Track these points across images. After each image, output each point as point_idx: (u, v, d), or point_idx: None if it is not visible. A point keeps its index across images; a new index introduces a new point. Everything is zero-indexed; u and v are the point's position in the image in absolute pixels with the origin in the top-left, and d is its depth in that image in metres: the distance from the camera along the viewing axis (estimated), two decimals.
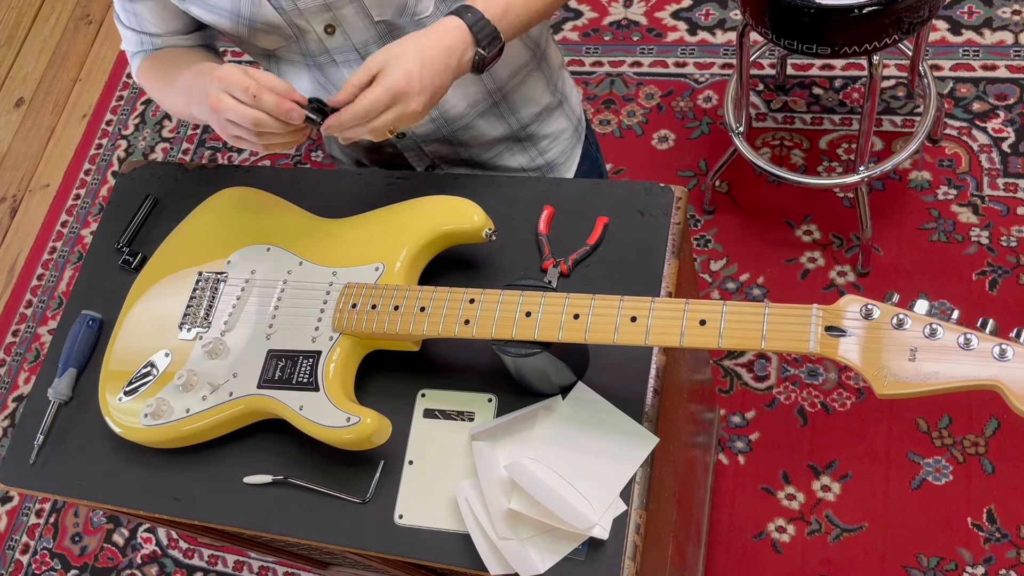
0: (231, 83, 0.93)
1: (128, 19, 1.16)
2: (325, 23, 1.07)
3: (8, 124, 2.94)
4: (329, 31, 1.08)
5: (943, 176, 1.99)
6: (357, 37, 1.09)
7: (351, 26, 1.07)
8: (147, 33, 1.16)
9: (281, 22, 1.06)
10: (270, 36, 1.09)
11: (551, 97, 1.29)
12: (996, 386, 0.71)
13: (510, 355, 0.90)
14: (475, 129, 1.24)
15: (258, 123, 0.93)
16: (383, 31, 1.09)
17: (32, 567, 2.19)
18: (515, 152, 1.30)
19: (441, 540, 0.95)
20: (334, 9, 1.05)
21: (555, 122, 1.31)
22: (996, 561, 1.66)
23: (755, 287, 2.00)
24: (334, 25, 1.07)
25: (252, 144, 0.97)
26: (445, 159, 1.28)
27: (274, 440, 1.04)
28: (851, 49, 1.48)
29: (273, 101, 0.92)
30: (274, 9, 1.05)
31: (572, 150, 1.37)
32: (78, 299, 1.22)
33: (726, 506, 1.82)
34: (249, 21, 1.06)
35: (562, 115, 1.32)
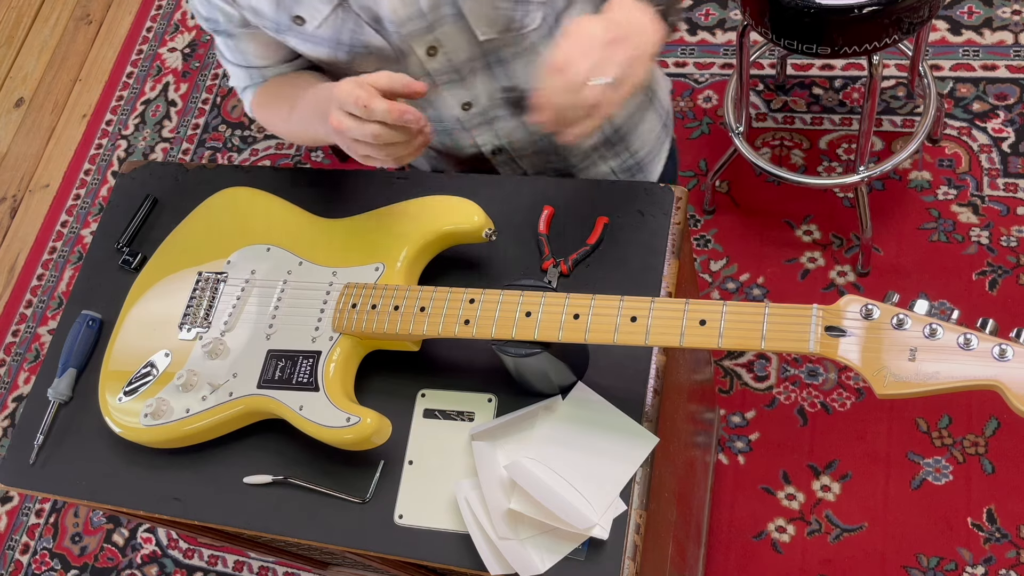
0: (344, 100, 0.89)
1: (233, 56, 1.14)
2: (428, 45, 1.04)
3: (8, 124, 2.94)
4: (431, 52, 1.05)
5: (943, 176, 1.99)
6: (459, 57, 1.06)
7: (454, 46, 1.05)
8: (254, 67, 1.15)
9: (384, 45, 1.04)
10: (368, 60, 1.06)
11: (641, 95, 1.25)
12: (996, 386, 0.71)
13: (510, 355, 0.90)
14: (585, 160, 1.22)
15: (376, 136, 0.89)
16: (487, 49, 1.06)
17: (32, 567, 2.19)
18: (607, 158, 1.27)
19: (441, 540, 0.95)
20: (436, 30, 1.02)
21: (646, 120, 1.28)
22: (996, 561, 1.66)
23: (755, 287, 2.00)
24: (436, 46, 1.04)
25: (381, 159, 0.94)
26: (538, 171, 1.27)
27: (274, 440, 1.04)
28: (851, 49, 1.48)
29: (384, 108, 0.88)
30: (376, 33, 1.02)
31: (661, 147, 1.33)
32: (78, 299, 1.22)
33: (726, 506, 1.82)
34: (349, 47, 1.04)
35: (651, 111, 1.28)
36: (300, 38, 1.06)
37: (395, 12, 1.00)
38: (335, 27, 1.02)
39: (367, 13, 1.00)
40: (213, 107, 2.68)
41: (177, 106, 2.75)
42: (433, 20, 1.01)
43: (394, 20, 1.01)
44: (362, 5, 1.00)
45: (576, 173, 1.28)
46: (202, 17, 1.10)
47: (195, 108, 2.71)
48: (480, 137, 1.18)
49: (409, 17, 1.00)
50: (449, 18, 1.01)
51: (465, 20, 1.02)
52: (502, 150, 1.21)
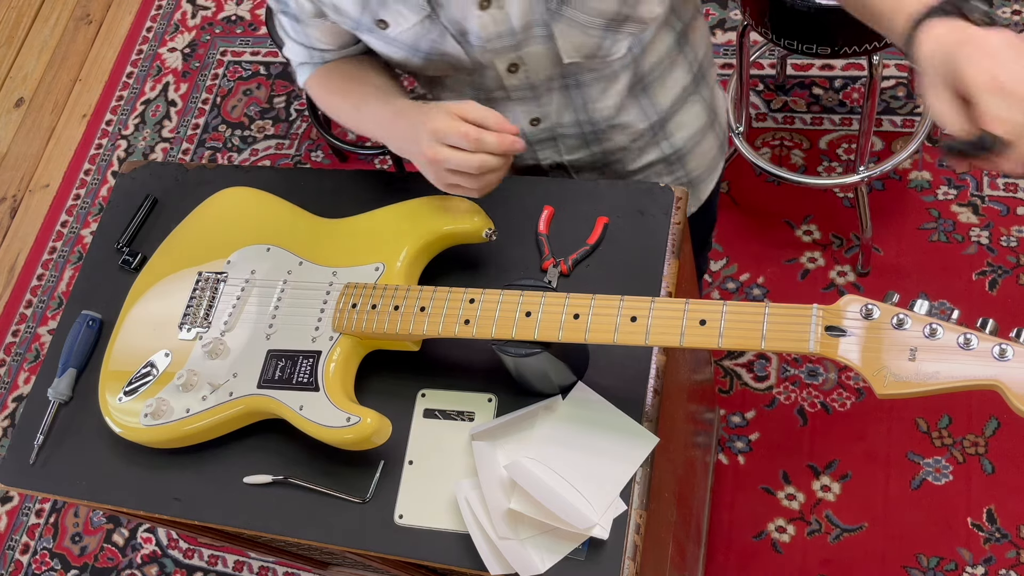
0: (447, 133, 0.91)
1: (295, 35, 1.13)
2: (510, 62, 1.03)
3: (8, 124, 2.94)
4: (512, 69, 1.04)
5: (943, 176, 1.99)
6: (539, 76, 1.05)
7: (536, 65, 1.04)
8: (316, 49, 1.13)
9: (463, 57, 1.03)
10: (441, 67, 1.06)
11: (706, 117, 1.24)
12: (996, 386, 0.71)
13: (510, 355, 0.90)
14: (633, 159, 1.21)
15: (483, 166, 0.92)
16: (568, 71, 1.05)
17: (32, 567, 2.19)
18: (662, 175, 1.26)
19: (441, 540, 0.95)
20: (522, 49, 1.01)
21: (706, 140, 1.26)
22: (996, 561, 1.66)
23: (755, 287, 2.00)
24: (518, 64, 1.03)
25: (469, 189, 0.95)
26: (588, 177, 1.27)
27: (274, 440, 1.04)
28: (851, 49, 1.48)
29: (495, 140, 0.91)
30: (458, 45, 1.01)
31: (716, 166, 1.32)
32: (78, 299, 1.22)
33: (726, 506, 1.82)
34: (427, 54, 1.03)
35: (711, 133, 1.27)
36: (378, 39, 1.04)
37: (485, 29, 0.98)
38: (417, 35, 1.01)
39: (455, 26, 0.99)
40: (213, 107, 2.68)
41: (177, 106, 2.75)
42: (522, 39, 1.00)
43: (482, 36, 0.99)
44: (451, 18, 0.98)
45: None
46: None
47: (195, 108, 2.71)
48: (542, 152, 1.17)
49: (499, 35, 0.99)
50: (538, 39, 1.00)
51: (554, 42, 1.00)
52: (561, 166, 1.20)
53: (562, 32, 0.99)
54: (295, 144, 2.53)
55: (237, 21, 2.82)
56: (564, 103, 1.09)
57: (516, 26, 0.98)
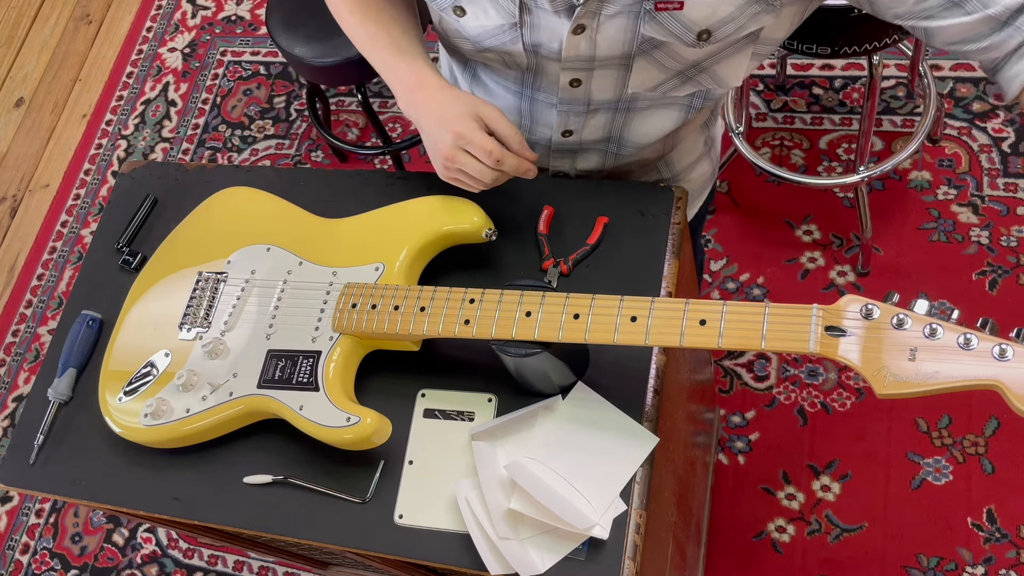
0: (472, 144, 0.93)
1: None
2: (575, 77, 1.00)
3: (8, 124, 2.94)
4: (574, 84, 1.01)
5: (943, 176, 1.99)
6: (596, 97, 1.03)
7: (598, 88, 1.01)
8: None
9: (522, 62, 1.01)
10: (493, 60, 1.04)
11: (704, 146, 1.25)
12: (996, 386, 0.71)
13: (510, 355, 0.90)
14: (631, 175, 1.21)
15: (496, 182, 0.96)
16: (624, 98, 1.03)
17: (32, 567, 2.19)
18: None
19: (441, 540, 0.95)
20: (595, 71, 0.98)
21: (700, 167, 1.27)
22: (996, 561, 1.66)
23: (755, 287, 2.00)
24: (582, 81, 1.00)
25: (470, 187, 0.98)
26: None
27: (274, 440, 1.04)
28: (851, 49, 1.48)
29: (515, 164, 0.94)
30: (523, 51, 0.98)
31: (705, 188, 1.33)
32: (78, 299, 1.22)
33: (726, 506, 1.82)
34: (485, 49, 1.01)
35: (707, 160, 1.28)
36: (447, 17, 1.00)
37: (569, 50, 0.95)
38: (486, 31, 0.98)
39: (532, 38, 0.96)
40: (213, 107, 2.68)
41: (177, 106, 2.75)
42: (599, 65, 0.97)
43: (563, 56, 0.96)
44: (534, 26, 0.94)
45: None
46: None
47: (195, 108, 2.71)
48: (557, 162, 1.16)
49: (578, 57, 0.96)
50: (615, 67, 0.97)
51: (628, 72, 0.98)
52: (566, 175, 1.20)
53: (641, 67, 0.97)
54: (295, 144, 2.53)
55: (237, 21, 2.82)
56: (605, 124, 1.08)
57: (602, 55, 0.95)
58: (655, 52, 0.94)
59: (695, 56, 0.95)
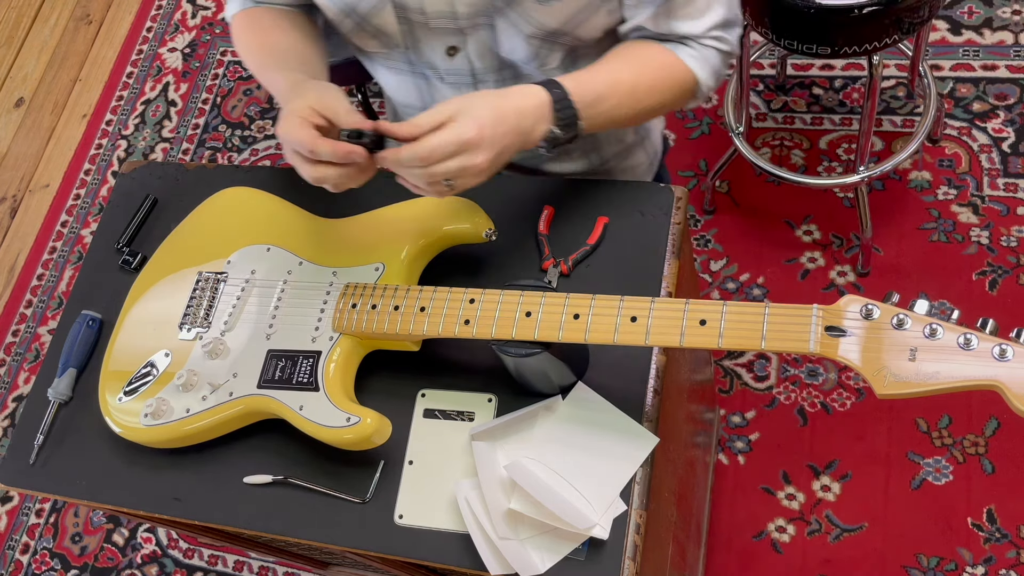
0: (290, 142, 0.90)
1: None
2: (449, 45, 1.03)
3: (8, 124, 2.94)
4: (451, 52, 1.04)
5: (943, 176, 1.99)
6: (477, 64, 1.05)
7: (476, 53, 1.04)
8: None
9: (396, 31, 1.02)
10: (372, 41, 1.05)
11: (634, 135, 1.27)
12: (996, 386, 0.71)
13: (510, 355, 0.90)
14: (559, 163, 1.22)
15: (322, 180, 0.91)
16: (506, 63, 1.05)
17: (32, 567, 2.19)
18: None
19: (441, 540, 0.95)
20: (466, 34, 1.01)
21: (633, 158, 1.29)
22: (996, 561, 1.66)
23: (755, 287, 2.00)
24: (458, 48, 1.03)
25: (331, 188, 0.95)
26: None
27: (274, 440, 1.04)
28: (851, 49, 1.48)
29: (328, 150, 0.89)
30: (396, 18, 1.00)
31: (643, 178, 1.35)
32: (78, 299, 1.22)
33: (726, 506, 1.82)
34: (361, 19, 1.01)
35: (640, 151, 1.30)
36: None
37: (433, 5, 0.98)
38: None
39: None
40: (213, 107, 2.68)
41: (177, 106, 2.75)
42: (465, 25, 1.00)
43: (427, 12, 0.99)
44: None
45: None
46: None
47: (195, 108, 2.71)
48: None
49: (440, 14, 0.99)
50: (482, 29, 1.00)
51: (495, 34, 1.01)
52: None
53: (503, 29, 1.00)
54: None
55: None
56: None
57: (464, 11, 0.98)
58: (510, 14, 0.98)
59: (547, 18, 0.98)
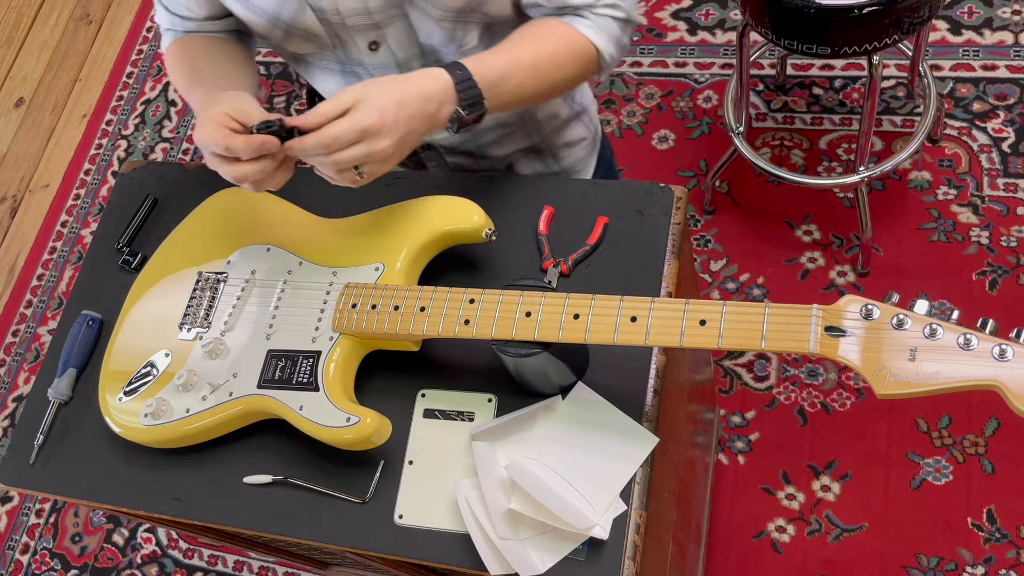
0: (207, 145, 0.91)
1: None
2: (370, 40, 1.06)
3: (8, 124, 2.94)
4: (372, 47, 1.07)
5: (943, 176, 1.99)
6: (400, 54, 1.08)
7: (396, 44, 1.06)
8: (179, 16, 1.14)
9: (321, 32, 1.05)
10: (306, 43, 1.08)
11: (569, 109, 1.29)
12: (996, 386, 0.71)
13: (510, 355, 0.90)
14: (498, 143, 1.24)
15: (241, 178, 0.92)
16: (428, 50, 1.08)
17: (32, 567, 2.19)
18: (533, 163, 1.30)
19: (441, 540, 0.95)
20: (382, 28, 1.04)
21: (572, 132, 1.31)
22: (996, 561, 1.66)
23: (755, 287, 2.00)
24: (379, 42, 1.06)
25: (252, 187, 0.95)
26: (465, 168, 1.29)
27: (274, 440, 1.04)
28: (851, 49, 1.48)
29: (242, 144, 0.89)
30: (317, 20, 1.03)
31: (588, 158, 1.37)
32: (78, 299, 1.22)
33: (726, 506, 1.82)
34: (287, 25, 1.04)
35: (580, 125, 1.32)
36: (239, 3, 1.05)
37: (344, 3, 1.01)
38: (277, 3, 1.03)
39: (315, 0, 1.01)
40: None
41: (177, 106, 2.75)
42: (380, 20, 1.03)
43: (341, 11, 1.02)
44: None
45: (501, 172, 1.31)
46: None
47: None
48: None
49: (355, 11, 1.02)
50: (397, 19, 1.03)
51: (410, 23, 1.03)
52: (431, 147, 1.23)
53: (416, 17, 1.03)
54: None
55: None
56: None
57: (373, 6, 1.01)
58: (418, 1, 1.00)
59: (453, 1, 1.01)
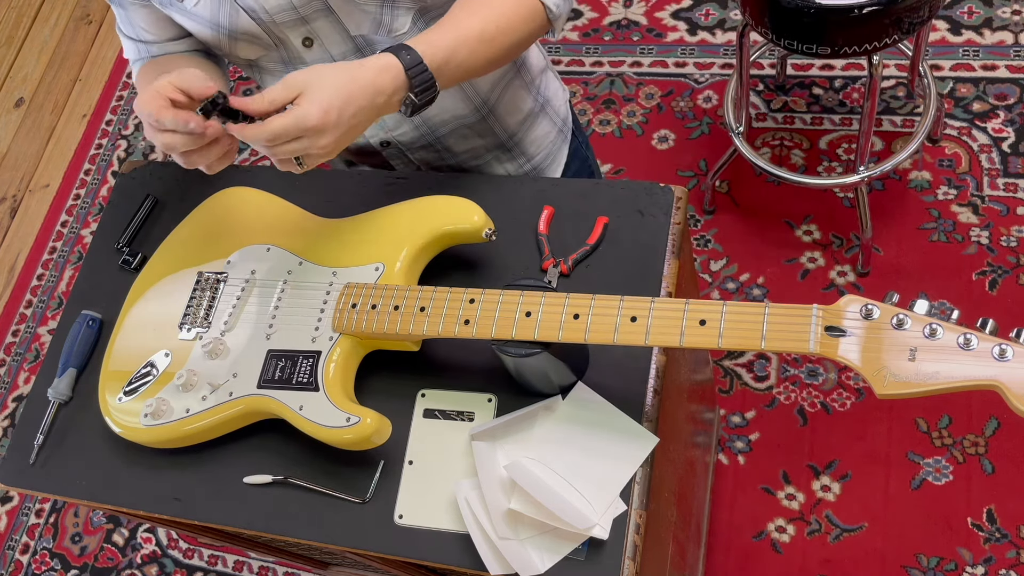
0: (142, 113, 0.91)
1: (126, 27, 1.16)
2: (302, 36, 1.06)
3: (8, 124, 2.94)
4: (307, 44, 1.07)
5: (943, 176, 1.99)
6: (335, 50, 1.08)
7: (328, 39, 1.07)
8: (143, 41, 1.16)
9: (260, 32, 1.06)
10: (251, 46, 1.09)
11: (533, 102, 1.29)
12: (996, 386, 0.71)
13: (510, 355, 0.90)
14: (461, 138, 1.24)
15: (169, 147, 0.91)
16: (361, 44, 1.08)
17: (32, 567, 2.19)
18: (503, 160, 1.30)
19: (441, 540, 0.95)
20: (310, 22, 1.04)
21: (539, 127, 1.31)
22: (996, 561, 1.66)
23: (755, 287, 2.00)
24: (311, 38, 1.06)
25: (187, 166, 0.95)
26: (432, 165, 1.29)
27: (274, 440, 1.04)
28: (851, 49, 1.48)
29: (170, 118, 0.88)
30: (251, 20, 1.04)
31: (558, 152, 1.37)
32: (78, 299, 1.22)
33: (726, 506, 1.82)
34: (228, 31, 1.06)
35: (545, 118, 1.32)
36: (183, 15, 1.07)
37: (266, 1, 1.01)
38: (212, 9, 1.03)
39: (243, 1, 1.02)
40: None
41: None
42: (305, 14, 1.03)
43: (267, 10, 1.02)
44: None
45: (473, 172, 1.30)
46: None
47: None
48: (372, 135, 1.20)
49: (280, 8, 1.02)
50: (320, 13, 1.03)
51: (335, 14, 1.04)
52: (389, 143, 1.23)
53: (339, 7, 1.02)
54: None
55: None
56: None
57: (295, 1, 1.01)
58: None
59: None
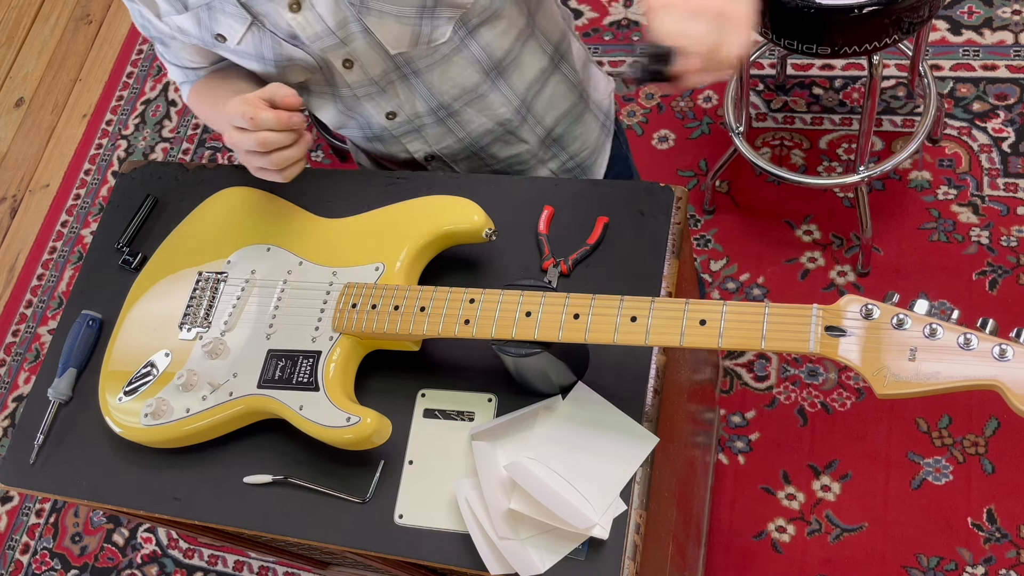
0: (233, 116, 0.95)
1: (170, 56, 1.17)
2: (343, 58, 1.06)
3: (8, 124, 2.94)
4: (347, 65, 1.07)
5: (943, 176, 1.99)
6: (374, 71, 1.08)
7: (368, 60, 1.07)
8: (190, 68, 1.17)
9: (306, 58, 1.06)
10: (296, 71, 1.09)
11: (574, 97, 1.26)
12: (996, 386, 0.71)
13: (510, 355, 0.90)
14: (504, 143, 1.23)
15: (264, 143, 0.95)
16: (400, 62, 1.08)
17: (32, 567, 2.19)
18: (545, 161, 1.29)
19: (441, 540, 0.95)
20: (348, 45, 1.04)
21: (582, 122, 1.29)
22: (996, 561, 1.66)
23: (755, 287, 2.00)
24: (351, 60, 1.06)
25: (270, 172, 0.99)
26: (477, 171, 1.28)
27: (274, 440, 1.04)
28: (851, 49, 1.48)
29: (271, 116, 0.94)
30: (296, 47, 1.04)
31: (601, 147, 1.34)
32: (78, 299, 1.22)
33: (726, 506, 1.82)
34: (275, 61, 1.06)
35: (588, 113, 1.30)
36: (227, 52, 1.08)
37: (303, 31, 1.02)
38: (255, 44, 1.04)
39: (281, 31, 1.02)
40: None
41: (177, 106, 2.75)
42: (343, 37, 1.03)
43: (306, 38, 1.03)
44: (274, 23, 1.01)
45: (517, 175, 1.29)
46: (138, 24, 1.12)
47: None
48: (411, 144, 1.20)
49: (318, 35, 1.02)
50: (358, 35, 1.03)
51: (374, 35, 1.03)
52: (435, 157, 1.23)
53: (376, 26, 1.02)
54: None
55: None
56: (409, 93, 1.12)
57: (332, 25, 1.01)
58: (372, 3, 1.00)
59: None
